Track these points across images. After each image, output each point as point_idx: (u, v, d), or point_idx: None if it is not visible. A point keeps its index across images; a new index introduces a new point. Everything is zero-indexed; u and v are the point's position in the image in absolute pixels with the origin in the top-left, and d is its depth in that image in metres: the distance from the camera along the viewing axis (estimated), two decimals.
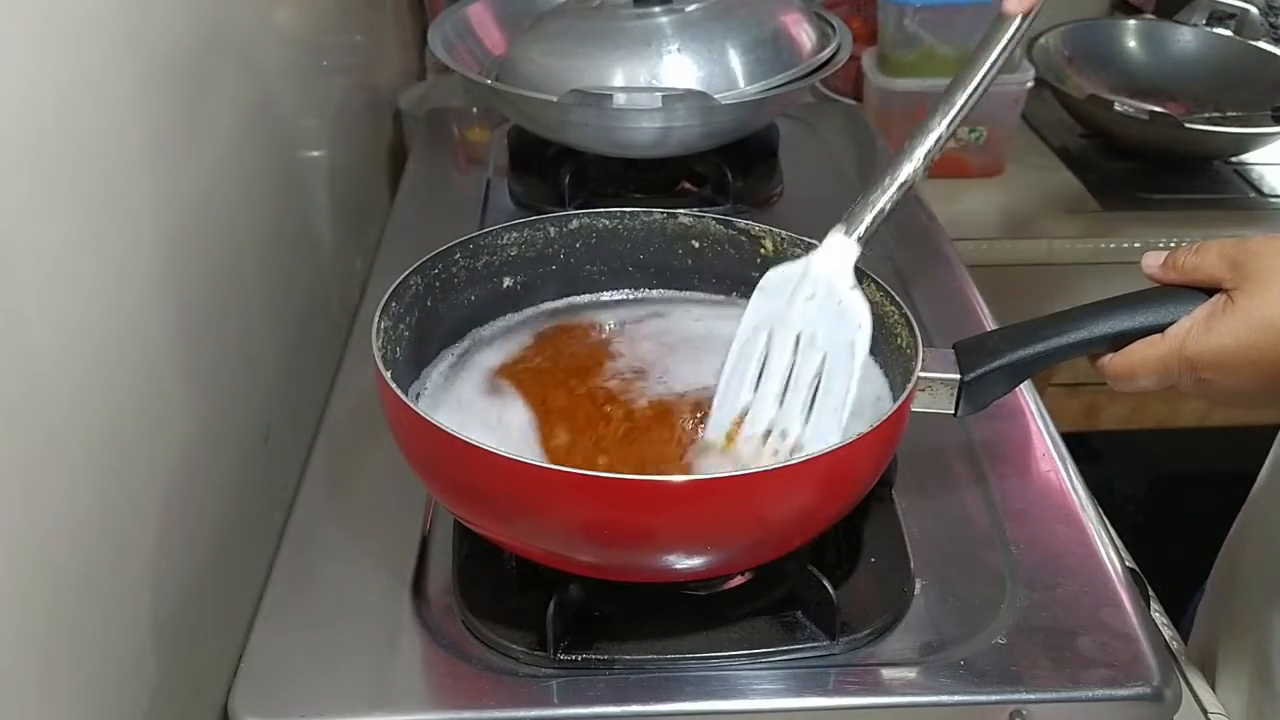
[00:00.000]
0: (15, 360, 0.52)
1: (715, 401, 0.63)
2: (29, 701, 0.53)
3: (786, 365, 0.62)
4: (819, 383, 0.60)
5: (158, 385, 0.69)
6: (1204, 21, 1.54)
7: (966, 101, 0.63)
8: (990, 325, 0.86)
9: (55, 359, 0.56)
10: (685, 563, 0.56)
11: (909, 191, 0.63)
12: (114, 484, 0.62)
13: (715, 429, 0.62)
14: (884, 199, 0.62)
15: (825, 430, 0.59)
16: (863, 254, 0.62)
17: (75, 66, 0.60)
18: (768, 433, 0.61)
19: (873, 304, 0.65)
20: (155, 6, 0.71)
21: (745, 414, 0.62)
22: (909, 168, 0.63)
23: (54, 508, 0.56)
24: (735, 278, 0.73)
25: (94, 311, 0.61)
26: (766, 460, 0.60)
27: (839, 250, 0.62)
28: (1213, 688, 0.75)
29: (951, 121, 0.63)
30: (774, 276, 0.64)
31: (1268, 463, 0.84)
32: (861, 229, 0.62)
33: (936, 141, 0.63)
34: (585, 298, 0.74)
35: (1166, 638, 0.71)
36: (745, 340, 0.63)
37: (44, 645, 0.55)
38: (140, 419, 0.66)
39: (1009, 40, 0.65)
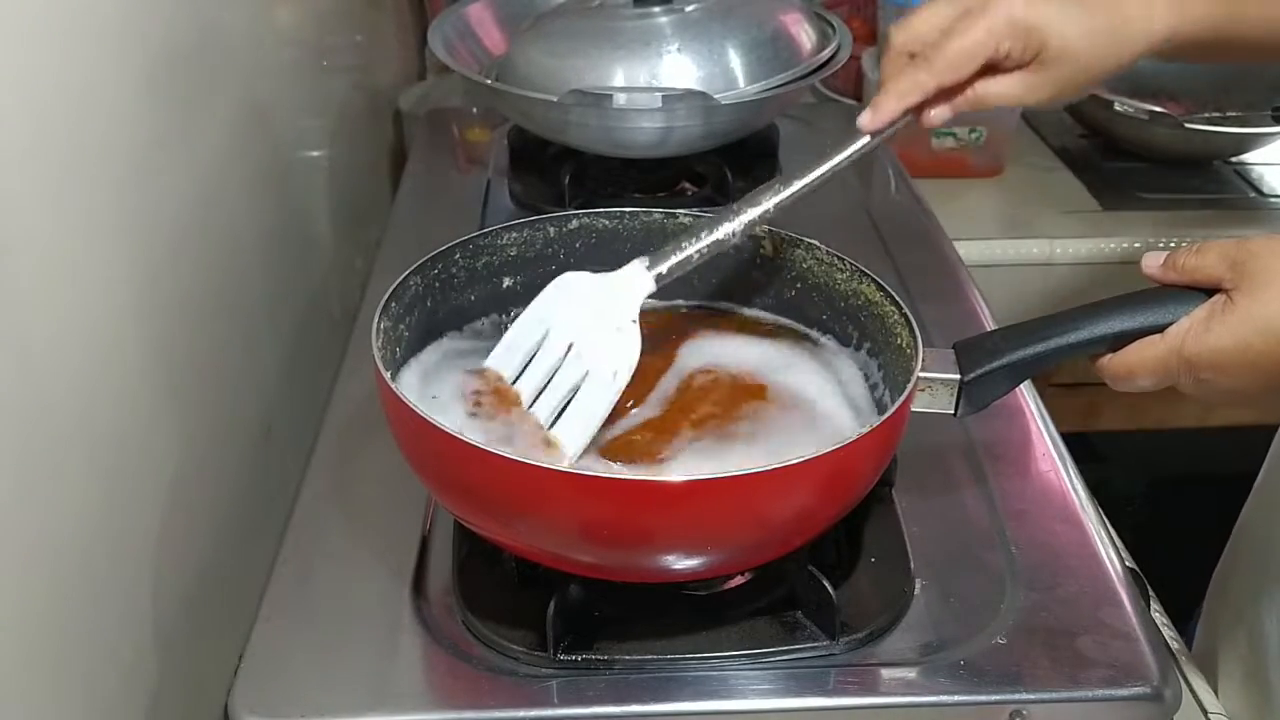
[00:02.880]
0: (15, 359, 0.52)
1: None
2: (29, 702, 0.53)
3: (551, 366, 0.62)
4: (573, 395, 0.61)
5: (157, 385, 0.69)
6: None
7: (800, 189, 0.66)
8: (990, 325, 0.86)
9: (55, 359, 0.56)
10: (685, 563, 0.56)
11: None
12: (114, 484, 0.62)
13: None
14: (693, 248, 0.64)
15: (568, 438, 0.60)
16: (655, 292, 0.63)
17: (75, 66, 0.60)
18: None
19: (872, 304, 0.66)
20: (155, 6, 0.71)
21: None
22: (728, 228, 0.64)
23: (54, 508, 0.56)
24: (735, 278, 0.73)
25: (93, 312, 0.61)
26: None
27: (635, 281, 0.63)
28: (1214, 688, 0.75)
29: (780, 203, 0.65)
30: (572, 279, 0.65)
31: (1266, 463, 0.84)
32: (664, 268, 0.63)
33: (762, 214, 0.65)
34: None
35: (1167, 638, 0.71)
36: (525, 326, 0.64)
37: (44, 645, 0.55)
38: (140, 419, 0.66)
39: (857, 149, 0.68)
